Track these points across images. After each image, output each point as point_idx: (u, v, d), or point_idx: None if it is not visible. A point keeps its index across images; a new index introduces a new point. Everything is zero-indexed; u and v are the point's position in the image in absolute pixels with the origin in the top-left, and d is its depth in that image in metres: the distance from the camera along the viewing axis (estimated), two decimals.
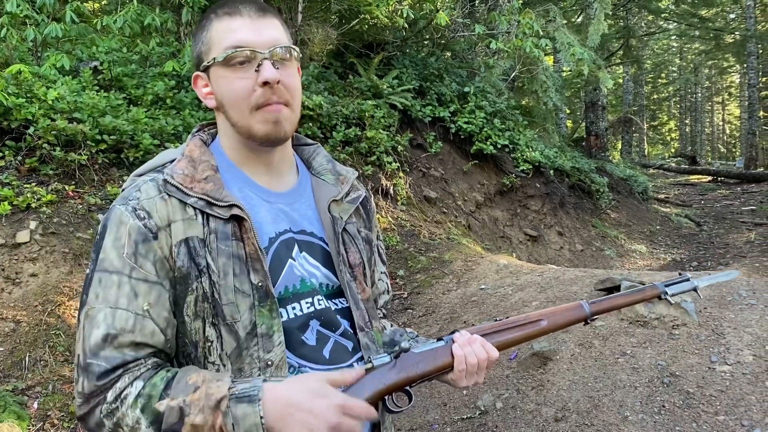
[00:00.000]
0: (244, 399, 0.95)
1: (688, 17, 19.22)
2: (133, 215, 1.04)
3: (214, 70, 1.12)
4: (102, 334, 0.99)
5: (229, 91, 1.10)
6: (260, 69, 1.08)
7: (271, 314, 1.07)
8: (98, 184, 4.51)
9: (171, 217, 1.06)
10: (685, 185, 19.00)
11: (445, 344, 1.17)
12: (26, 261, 3.84)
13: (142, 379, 0.98)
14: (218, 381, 0.98)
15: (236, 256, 1.07)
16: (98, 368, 0.97)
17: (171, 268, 1.05)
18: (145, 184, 1.09)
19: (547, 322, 1.27)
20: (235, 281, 1.05)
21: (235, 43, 1.08)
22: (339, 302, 1.19)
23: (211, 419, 0.94)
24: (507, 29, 8.04)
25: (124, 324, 0.99)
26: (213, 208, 1.07)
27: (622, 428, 2.99)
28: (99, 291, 1.01)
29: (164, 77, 5.73)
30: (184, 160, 1.13)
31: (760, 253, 8.29)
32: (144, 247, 1.03)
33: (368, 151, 6.70)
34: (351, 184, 1.29)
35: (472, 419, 3.43)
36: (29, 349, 3.49)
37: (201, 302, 1.05)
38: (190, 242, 1.05)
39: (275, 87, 1.08)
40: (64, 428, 3.22)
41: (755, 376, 3.06)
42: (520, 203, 8.55)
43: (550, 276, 4.93)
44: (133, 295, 1.01)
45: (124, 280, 1.02)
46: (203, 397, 0.95)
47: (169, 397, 0.96)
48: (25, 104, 4.39)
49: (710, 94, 41.22)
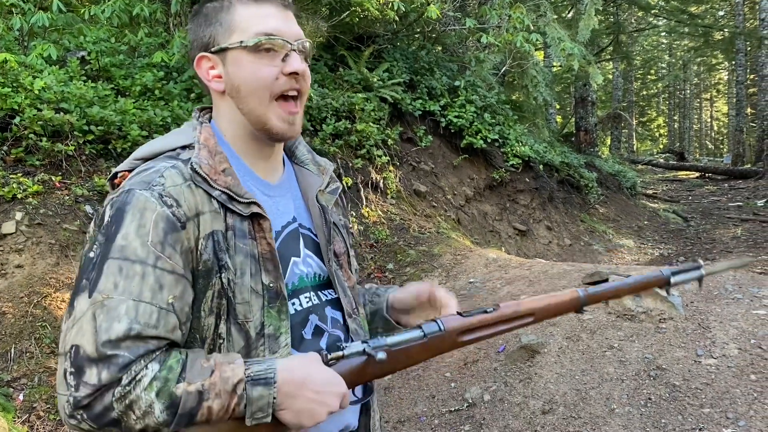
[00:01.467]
0: (260, 381, 0.96)
1: (677, 14, 19.29)
2: (159, 202, 0.99)
3: (234, 53, 1.08)
4: (125, 328, 0.92)
5: (253, 77, 1.08)
6: (288, 59, 1.08)
7: (280, 315, 1.06)
8: (85, 176, 4.47)
9: (199, 208, 1.02)
10: (673, 181, 19.14)
11: (424, 336, 1.13)
12: (12, 252, 3.80)
13: (157, 362, 0.94)
14: (231, 364, 0.97)
15: (251, 255, 1.05)
16: (122, 359, 0.92)
17: (195, 260, 1.01)
18: (167, 170, 1.03)
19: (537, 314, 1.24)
20: (252, 281, 1.04)
21: (269, 31, 1.07)
22: (328, 293, 1.19)
23: (227, 402, 0.94)
24: (498, 23, 8.03)
25: (148, 318, 0.94)
26: (234, 204, 1.04)
27: (609, 421, 3.01)
28: (119, 281, 0.94)
29: (153, 68, 5.68)
30: (204, 150, 1.08)
31: (746, 248, 8.37)
32: (172, 236, 0.98)
33: (358, 145, 6.69)
34: (330, 175, 1.28)
35: (459, 411, 3.44)
36: (15, 340, 3.46)
37: (218, 298, 1.02)
38: (215, 236, 1.02)
39: (299, 78, 1.09)
40: (50, 420, 3.20)
41: (740, 370, 3.09)
42: (510, 198, 8.57)
43: (538, 270, 4.95)
44: (158, 287, 0.96)
45: (149, 270, 0.96)
46: (219, 381, 0.94)
47: (186, 381, 0.93)
48: (11, 94, 4.34)
49: (699, 90, 41.46)
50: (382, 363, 1.09)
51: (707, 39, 21.96)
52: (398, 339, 1.12)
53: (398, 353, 1.11)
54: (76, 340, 0.93)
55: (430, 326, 1.15)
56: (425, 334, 1.14)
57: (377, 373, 1.11)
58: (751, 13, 23.97)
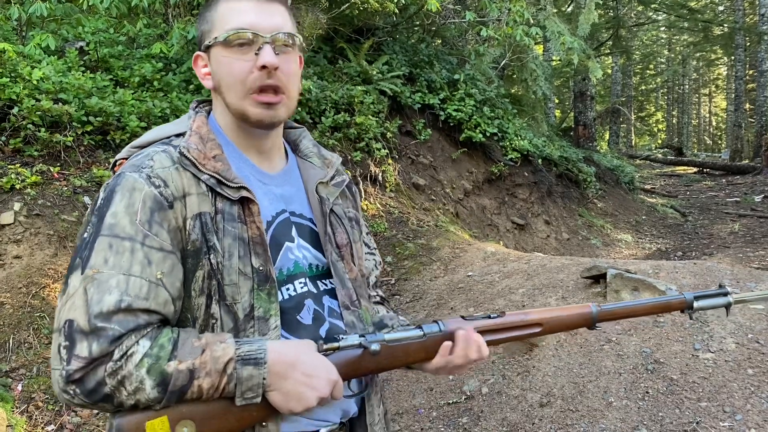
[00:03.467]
0: (250, 361, 0.98)
1: (677, 8, 19.25)
2: (147, 182, 1.02)
3: (214, 50, 1.12)
4: (116, 300, 0.95)
5: (227, 72, 1.10)
6: (260, 52, 1.08)
7: (269, 298, 1.08)
8: (84, 166, 4.46)
9: (187, 189, 1.05)
10: (671, 176, 19.15)
11: (423, 336, 1.14)
12: (10, 243, 3.80)
13: (148, 338, 0.97)
14: (222, 343, 0.99)
15: (240, 238, 1.07)
16: (112, 332, 0.94)
17: (184, 240, 1.04)
18: (156, 154, 1.08)
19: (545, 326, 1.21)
20: (240, 263, 1.06)
21: (238, 25, 1.08)
22: (328, 283, 1.20)
23: (218, 381, 0.97)
24: (498, 17, 8.01)
25: (138, 291, 0.97)
26: (223, 188, 1.07)
27: (606, 414, 3.02)
28: (109, 256, 0.97)
29: (151, 59, 5.66)
30: (195, 136, 1.11)
31: (743, 243, 8.39)
32: (159, 215, 1.02)
33: (357, 137, 6.68)
34: (336, 168, 1.30)
35: (457, 404, 3.45)
36: (13, 331, 3.46)
37: (208, 279, 1.05)
38: (203, 217, 1.05)
39: (273, 72, 1.08)
40: (48, 411, 3.20)
41: (737, 364, 3.10)
42: (508, 192, 8.57)
43: (536, 264, 4.95)
44: (146, 262, 0.99)
45: (137, 246, 0.99)
46: (210, 360, 0.97)
47: (177, 359, 0.96)
48: (9, 84, 4.32)
49: (697, 86, 41.43)
50: (377, 357, 1.10)
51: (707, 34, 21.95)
52: (397, 336, 1.13)
53: (396, 350, 1.12)
54: (69, 315, 0.96)
55: (430, 326, 1.16)
56: (425, 334, 1.15)
57: (373, 368, 1.12)
58: (751, 8, 23.94)
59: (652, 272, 4.13)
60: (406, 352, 1.14)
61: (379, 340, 1.10)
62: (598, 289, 4.03)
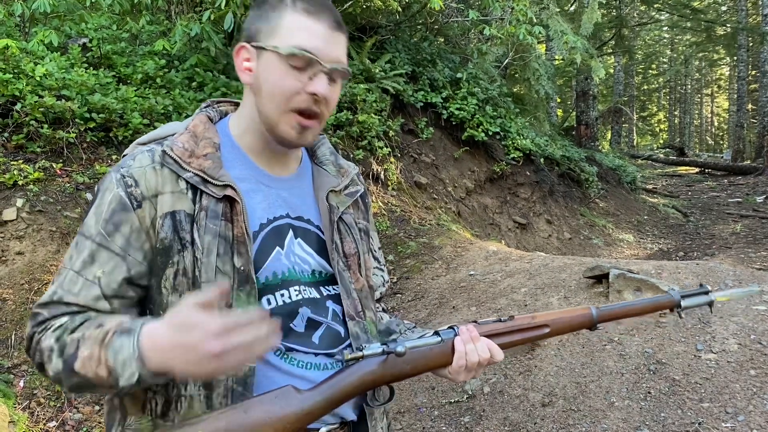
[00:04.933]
0: (126, 332, 0.95)
1: (680, 8, 19.20)
2: (119, 183, 1.06)
3: (268, 55, 1.09)
4: (50, 293, 1.03)
5: (275, 83, 1.08)
6: (314, 79, 1.08)
7: (248, 299, 1.06)
8: (86, 163, 4.45)
9: (159, 189, 1.06)
10: (673, 176, 19.13)
11: (441, 341, 1.16)
12: (12, 239, 3.80)
13: (68, 315, 1.02)
14: (117, 318, 1.00)
15: (223, 236, 1.06)
16: (40, 317, 1.03)
17: (152, 238, 1.05)
18: (141, 153, 1.10)
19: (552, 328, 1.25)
20: (218, 261, 1.04)
21: (305, 47, 1.06)
22: (332, 289, 1.18)
23: (96, 351, 0.96)
24: (501, 15, 7.99)
25: (71, 287, 1.03)
26: (207, 186, 1.06)
27: (608, 414, 3.02)
28: (73, 253, 1.06)
29: (154, 56, 5.66)
30: (186, 134, 1.13)
31: (745, 244, 8.38)
32: (120, 215, 1.05)
33: (359, 136, 6.67)
34: (351, 178, 1.28)
35: (459, 403, 3.45)
36: (15, 327, 3.46)
37: (180, 276, 1.04)
38: (176, 215, 1.05)
39: (319, 100, 1.09)
40: (50, 407, 3.21)
41: (740, 365, 3.10)
42: (510, 191, 8.56)
43: (538, 263, 4.95)
44: (90, 261, 1.04)
45: (93, 246, 1.05)
46: (97, 332, 0.98)
47: (78, 331, 0.99)
48: (12, 80, 4.32)
49: (700, 86, 41.39)
50: (400, 364, 1.10)
51: (709, 34, 21.87)
52: (416, 343, 1.14)
53: (417, 356, 1.13)
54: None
55: (447, 333, 1.17)
56: (442, 340, 1.16)
57: (396, 375, 1.12)
58: (754, 8, 23.90)
59: (655, 272, 4.13)
60: (426, 358, 1.14)
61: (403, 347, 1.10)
62: (600, 289, 4.03)
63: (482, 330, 1.19)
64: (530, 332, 1.24)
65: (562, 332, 1.28)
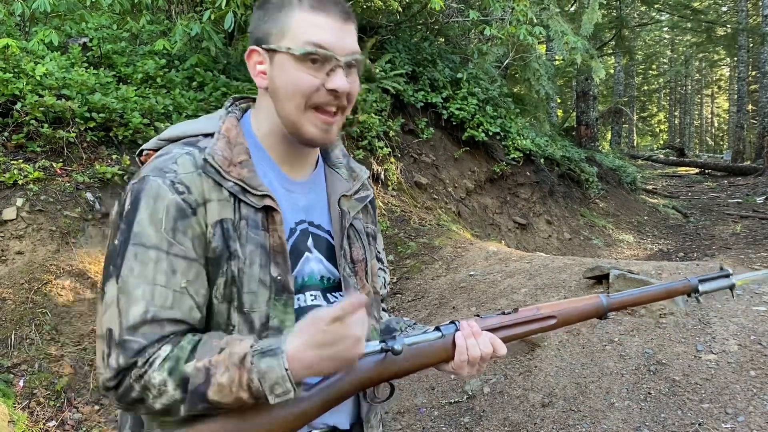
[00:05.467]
0: (267, 353, 0.95)
1: (680, 9, 19.20)
2: (171, 189, 1.01)
3: (281, 57, 1.07)
4: (141, 312, 0.97)
5: (293, 84, 1.07)
6: (332, 75, 1.06)
7: (285, 309, 1.07)
8: (86, 163, 4.45)
9: (207, 196, 1.03)
10: (673, 177, 19.13)
11: (442, 336, 1.15)
12: (12, 238, 3.80)
13: (170, 343, 0.98)
14: (241, 341, 0.98)
15: (262, 246, 1.05)
16: (136, 345, 0.97)
17: (206, 247, 1.03)
18: (181, 157, 1.06)
19: (558, 318, 1.23)
20: (260, 272, 1.04)
21: (318, 43, 1.05)
22: (338, 296, 1.18)
23: (237, 376, 0.94)
24: (501, 16, 7.99)
25: (164, 302, 0.99)
26: (247, 195, 1.05)
27: (609, 415, 3.02)
28: (135, 266, 0.99)
29: (155, 56, 5.65)
30: (222, 141, 1.09)
31: (745, 245, 8.38)
32: (183, 223, 1.01)
33: (360, 136, 6.67)
34: (362, 182, 1.28)
35: (459, 403, 3.45)
36: (15, 327, 3.46)
37: (229, 286, 1.04)
38: (224, 224, 1.04)
39: (340, 95, 1.08)
40: (50, 406, 3.21)
41: (740, 365, 3.10)
42: (510, 191, 8.56)
43: (539, 263, 4.95)
44: (171, 271, 1.00)
45: (162, 256, 0.99)
46: (227, 357, 0.95)
47: (196, 359, 0.96)
48: (13, 79, 4.32)
49: (700, 86, 41.37)
50: (400, 361, 1.10)
51: (710, 35, 21.89)
52: (416, 339, 1.14)
53: (417, 352, 1.13)
54: (109, 324, 0.99)
55: (448, 328, 1.17)
56: (443, 335, 1.15)
57: (397, 372, 1.12)
58: (755, 9, 23.89)
59: (655, 273, 4.13)
60: (427, 354, 1.14)
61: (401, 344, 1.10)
62: (601, 289, 4.02)
63: (484, 324, 1.18)
64: (535, 324, 1.22)
65: (570, 323, 1.25)
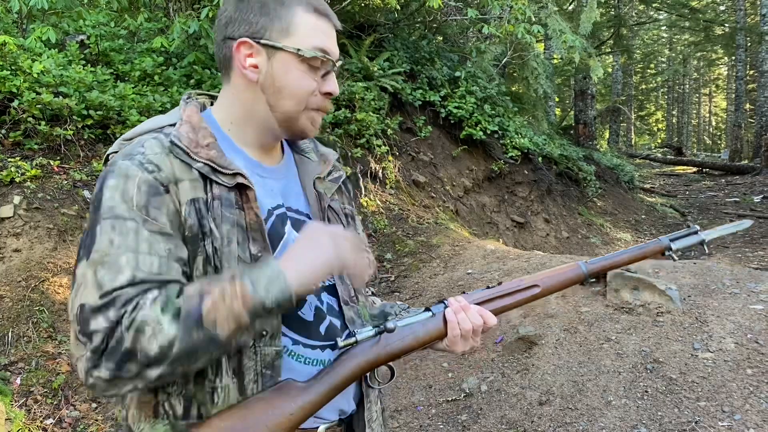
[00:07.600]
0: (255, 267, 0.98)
1: (678, 8, 19.21)
2: (141, 168, 1.00)
3: (285, 56, 1.09)
4: (128, 277, 0.94)
5: (295, 84, 1.10)
6: (327, 78, 1.13)
7: None
8: (84, 160, 4.45)
9: (178, 175, 1.03)
10: (671, 176, 19.16)
11: (432, 315, 1.18)
12: (9, 236, 3.79)
13: (156, 288, 0.95)
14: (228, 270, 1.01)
15: (238, 224, 1.05)
16: (125, 296, 0.92)
17: (182, 225, 1.01)
18: (147, 141, 1.05)
19: (542, 287, 1.27)
20: (239, 250, 1.04)
21: (325, 48, 1.11)
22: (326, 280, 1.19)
23: (229, 287, 0.94)
24: (499, 14, 7.99)
25: (150, 267, 0.96)
26: (217, 175, 1.05)
27: (606, 413, 3.02)
28: (114, 237, 0.95)
29: (152, 53, 5.65)
30: (186, 125, 1.08)
31: (742, 244, 8.39)
32: (156, 199, 0.99)
33: (358, 134, 6.67)
34: (333, 164, 1.30)
35: (456, 401, 3.45)
36: (12, 324, 3.45)
37: (206, 264, 1.03)
38: (196, 203, 1.03)
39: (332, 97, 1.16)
40: (47, 404, 3.20)
41: (737, 364, 3.10)
42: (508, 190, 8.56)
43: (536, 262, 4.95)
44: (153, 240, 0.97)
45: (140, 228, 0.97)
46: (215, 280, 0.96)
47: (184, 293, 0.94)
48: (10, 77, 4.31)
49: (698, 85, 41.42)
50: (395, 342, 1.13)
51: (708, 34, 21.90)
52: (409, 321, 1.17)
53: (410, 332, 1.16)
54: (80, 300, 0.93)
55: (437, 307, 1.21)
56: (434, 314, 1.19)
57: (392, 354, 1.13)
58: (752, 8, 23.92)
59: (652, 272, 4.13)
60: (420, 334, 1.17)
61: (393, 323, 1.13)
62: (598, 287, 4.03)
63: (471, 298, 1.23)
64: (520, 294, 1.26)
65: (553, 291, 1.29)
